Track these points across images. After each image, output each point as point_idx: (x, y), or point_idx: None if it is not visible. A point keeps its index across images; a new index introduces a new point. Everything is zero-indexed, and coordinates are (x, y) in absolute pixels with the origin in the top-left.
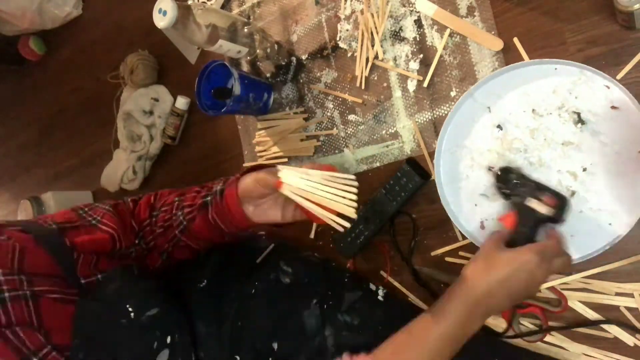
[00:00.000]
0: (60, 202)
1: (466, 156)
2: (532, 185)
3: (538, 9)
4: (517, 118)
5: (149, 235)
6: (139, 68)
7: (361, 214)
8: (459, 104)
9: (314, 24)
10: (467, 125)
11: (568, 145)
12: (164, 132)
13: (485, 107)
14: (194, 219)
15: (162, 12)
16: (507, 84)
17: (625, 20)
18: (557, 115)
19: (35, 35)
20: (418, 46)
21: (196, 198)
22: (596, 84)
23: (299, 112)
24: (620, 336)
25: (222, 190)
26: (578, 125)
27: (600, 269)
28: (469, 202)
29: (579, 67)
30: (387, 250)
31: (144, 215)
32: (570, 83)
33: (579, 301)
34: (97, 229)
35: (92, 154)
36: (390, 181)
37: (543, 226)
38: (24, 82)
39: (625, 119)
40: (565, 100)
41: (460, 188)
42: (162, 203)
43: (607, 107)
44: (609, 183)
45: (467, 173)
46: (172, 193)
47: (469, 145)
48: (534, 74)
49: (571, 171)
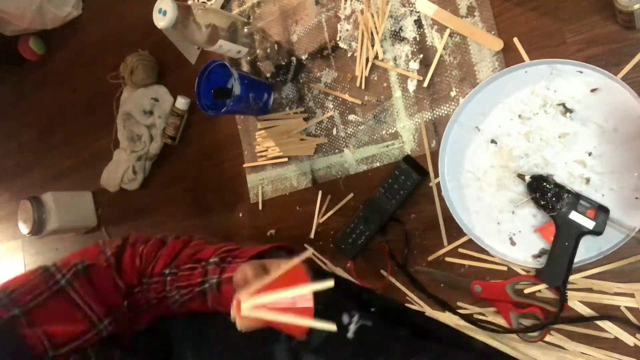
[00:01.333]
0: (60, 202)
1: (471, 180)
2: (572, 197)
3: (538, 9)
4: (507, 128)
5: (141, 302)
6: (139, 68)
7: (361, 215)
8: (447, 133)
9: (314, 24)
10: (462, 150)
11: (565, 137)
12: (164, 132)
13: (473, 128)
14: (191, 300)
15: (162, 12)
16: (486, 100)
17: (625, 20)
18: (543, 113)
19: (35, 35)
20: (418, 46)
21: (191, 279)
22: (569, 73)
23: (299, 112)
24: (621, 336)
25: (219, 284)
26: (567, 115)
27: (600, 269)
28: (491, 223)
29: (547, 63)
30: (387, 251)
31: (133, 280)
32: (544, 80)
33: (578, 301)
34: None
35: (92, 154)
36: (388, 180)
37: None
38: (24, 82)
39: (609, 96)
40: (546, 97)
41: (478, 212)
42: (150, 270)
43: (587, 91)
44: (618, 159)
45: (479, 195)
46: (158, 257)
47: (471, 169)
48: (508, 83)
49: (578, 160)
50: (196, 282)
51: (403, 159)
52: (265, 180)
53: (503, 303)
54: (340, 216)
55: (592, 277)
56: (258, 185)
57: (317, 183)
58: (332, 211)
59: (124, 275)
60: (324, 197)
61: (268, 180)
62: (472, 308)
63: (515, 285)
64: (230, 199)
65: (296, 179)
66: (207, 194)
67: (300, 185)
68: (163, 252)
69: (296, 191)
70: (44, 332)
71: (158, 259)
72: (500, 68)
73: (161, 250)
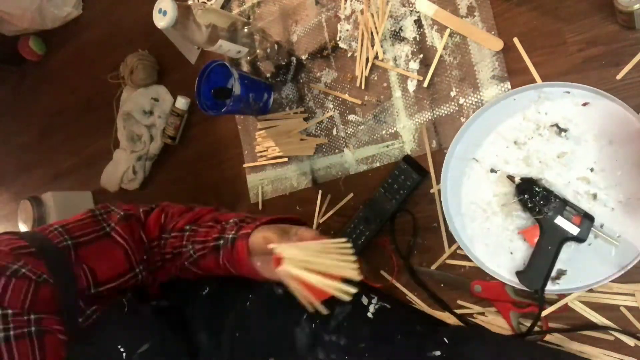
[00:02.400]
0: (60, 202)
1: (477, 211)
2: (559, 202)
3: (538, 9)
4: (505, 155)
5: (157, 257)
6: (139, 68)
7: (361, 215)
8: (445, 169)
9: (314, 24)
10: (462, 183)
11: (563, 156)
12: (164, 132)
13: (470, 160)
14: (204, 257)
15: (162, 12)
16: (479, 131)
17: (625, 20)
18: (538, 136)
19: (35, 35)
20: (418, 46)
21: (208, 235)
22: (556, 94)
23: (299, 112)
24: (621, 336)
25: (234, 239)
26: (562, 134)
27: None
28: (504, 253)
29: (534, 88)
30: (390, 250)
31: (154, 234)
32: (533, 105)
33: (578, 301)
34: (110, 239)
35: (92, 154)
36: (388, 180)
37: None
38: (24, 82)
39: (599, 110)
40: (538, 121)
41: (488, 245)
42: (172, 226)
43: (577, 109)
44: (620, 170)
45: (487, 226)
46: (182, 216)
47: (474, 200)
48: (498, 113)
49: (580, 177)
50: (212, 237)
51: (403, 159)
52: (265, 180)
53: (503, 303)
54: (340, 216)
55: None
56: (258, 185)
57: (317, 183)
58: (332, 211)
59: (147, 229)
60: (324, 197)
61: (268, 180)
62: (472, 308)
63: (515, 285)
64: (230, 199)
65: (296, 179)
66: (207, 194)
67: (300, 185)
68: (189, 214)
69: (296, 191)
70: (89, 269)
71: (182, 217)
72: (500, 68)
73: (187, 213)
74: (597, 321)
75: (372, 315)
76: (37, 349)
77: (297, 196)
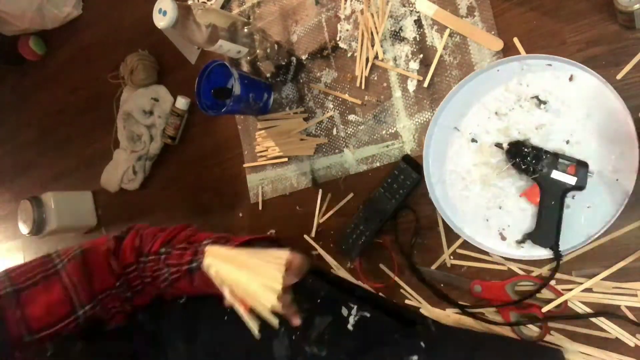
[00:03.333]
0: (60, 202)
1: (456, 180)
2: (550, 157)
3: (538, 9)
4: (486, 126)
5: (137, 281)
6: (139, 68)
7: (361, 215)
8: (428, 136)
9: (314, 24)
10: (445, 151)
11: (542, 128)
12: (164, 132)
13: (453, 129)
14: (178, 280)
15: (162, 12)
16: (463, 101)
17: (625, 20)
18: (519, 107)
19: (35, 35)
20: (418, 46)
21: (182, 258)
22: (538, 67)
23: (299, 112)
24: (621, 336)
25: (198, 267)
26: (541, 106)
27: (600, 269)
28: (480, 221)
29: (518, 59)
30: (392, 249)
31: (129, 260)
32: (516, 77)
33: (579, 301)
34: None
35: (92, 154)
36: (388, 179)
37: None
38: (24, 82)
39: (579, 84)
40: (520, 92)
41: (465, 212)
42: (148, 249)
43: (558, 81)
44: (595, 143)
45: (465, 194)
46: (157, 238)
47: (455, 169)
48: (483, 83)
49: (557, 149)
50: (186, 260)
51: (402, 158)
52: (265, 180)
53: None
54: (340, 216)
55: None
56: (258, 185)
57: (317, 183)
58: (332, 211)
59: (123, 255)
60: (324, 197)
61: (268, 180)
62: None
63: (515, 286)
64: (230, 199)
65: (296, 179)
66: (207, 194)
67: (300, 185)
68: (162, 234)
69: (296, 191)
70: (24, 316)
71: (156, 239)
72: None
73: (160, 233)
74: (596, 319)
75: (352, 327)
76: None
77: (297, 196)
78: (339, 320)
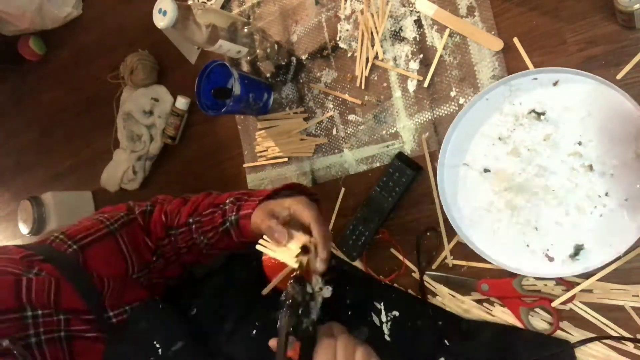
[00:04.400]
0: (60, 202)
1: (483, 216)
2: None
3: (538, 9)
4: (493, 153)
5: (170, 252)
6: (139, 68)
7: (359, 216)
8: (440, 180)
9: (314, 24)
10: (461, 189)
11: (549, 139)
12: (164, 132)
13: (462, 165)
14: (220, 241)
15: (162, 12)
16: (462, 137)
17: (625, 20)
18: (519, 126)
19: (35, 35)
20: (418, 46)
21: (214, 221)
22: (525, 83)
23: (299, 112)
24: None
25: (237, 220)
26: (541, 117)
27: (605, 272)
28: (522, 249)
29: (504, 83)
30: (397, 248)
31: (160, 234)
32: (506, 99)
33: (580, 301)
34: (114, 239)
35: (92, 154)
36: (383, 178)
37: None
38: (24, 82)
39: (569, 86)
40: (515, 112)
41: (504, 244)
42: (176, 223)
43: (548, 90)
44: (607, 136)
45: (497, 226)
46: (181, 209)
47: (477, 205)
48: (475, 116)
49: (571, 152)
50: (218, 222)
51: (396, 156)
52: (265, 180)
53: (512, 299)
54: (340, 216)
55: (601, 280)
56: (258, 185)
57: (317, 183)
58: (333, 212)
59: (152, 232)
60: (324, 197)
61: (268, 180)
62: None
63: (522, 280)
64: None
65: (296, 179)
66: None
67: None
68: (186, 207)
69: None
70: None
71: (181, 212)
72: (500, 68)
73: (184, 207)
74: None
75: (389, 337)
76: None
77: None
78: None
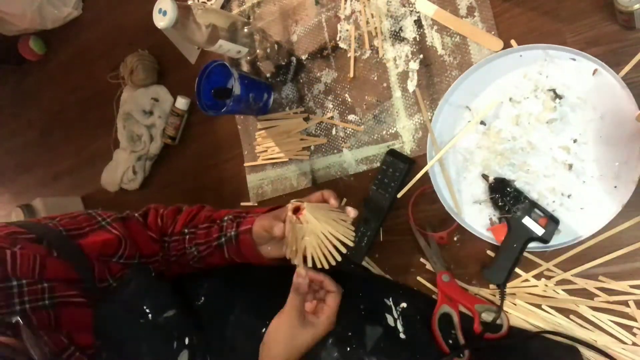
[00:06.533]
0: (50, 208)
1: (459, 159)
2: (528, 203)
3: (538, 9)
4: (497, 110)
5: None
6: (139, 68)
7: (359, 216)
8: (437, 113)
9: (314, 24)
10: (451, 128)
11: (552, 122)
12: (164, 132)
13: (464, 107)
14: (210, 255)
15: (162, 12)
16: (480, 80)
17: (625, 20)
18: (534, 98)
19: (35, 35)
20: (418, 46)
21: (209, 235)
22: (562, 59)
23: (299, 112)
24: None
25: (237, 235)
26: (556, 100)
27: (609, 268)
28: (470, 202)
29: (542, 48)
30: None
31: (156, 236)
32: (537, 65)
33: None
34: (105, 230)
35: (92, 154)
36: (378, 176)
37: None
38: (24, 82)
39: (599, 84)
40: (538, 82)
41: (461, 191)
42: (171, 230)
43: (578, 77)
44: (602, 147)
45: (464, 175)
46: (176, 218)
47: (459, 147)
48: (502, 66)
49: (562, 146)
50: (214, 237)
51: (387, 153)
52: (265, 180)
53: (467, 297)
54: None
55: (605, 275)
56: (258, 185)
57: (317, 183)
58: None
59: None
60: None
61: (268, 180)
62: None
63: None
64: (230, 199)
65: (296, 179)
66: (207, 194)
67: (300, 185)
68: (180, 215)
69: (296, 191)
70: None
71: (177, 221)
72: None
73: (179, 215)
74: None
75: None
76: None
77: (297, 196)
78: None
